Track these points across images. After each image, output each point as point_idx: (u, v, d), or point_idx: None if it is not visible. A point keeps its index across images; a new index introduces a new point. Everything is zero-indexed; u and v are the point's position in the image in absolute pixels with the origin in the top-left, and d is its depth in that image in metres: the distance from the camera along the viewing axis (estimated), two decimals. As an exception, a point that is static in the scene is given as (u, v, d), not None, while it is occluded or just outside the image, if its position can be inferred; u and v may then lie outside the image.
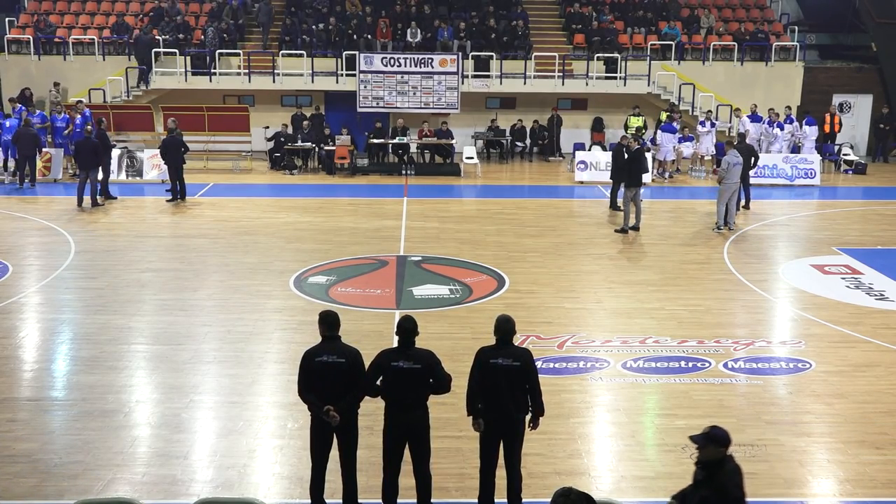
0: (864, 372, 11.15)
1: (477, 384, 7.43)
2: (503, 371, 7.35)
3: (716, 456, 5.86)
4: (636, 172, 18.15)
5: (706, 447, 5.88)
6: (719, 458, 5.87)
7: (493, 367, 7.36)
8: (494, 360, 7.38)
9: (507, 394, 7.34)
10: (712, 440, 5.87)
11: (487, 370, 7.38)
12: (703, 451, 5.90)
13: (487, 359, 7.41)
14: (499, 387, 7.33)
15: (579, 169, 23.74)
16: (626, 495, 8.16)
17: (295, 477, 8.39)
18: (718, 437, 5.87)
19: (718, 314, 13.30)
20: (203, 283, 14.47)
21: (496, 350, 7.45)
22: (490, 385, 7.37)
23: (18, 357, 11.40)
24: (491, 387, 7.36)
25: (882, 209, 21.33)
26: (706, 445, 5.88)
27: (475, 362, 7.49)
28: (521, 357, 7.45)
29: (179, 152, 20.43)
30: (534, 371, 7.49)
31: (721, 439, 5.87)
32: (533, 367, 7.50)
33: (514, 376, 7.37)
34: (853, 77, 29.42)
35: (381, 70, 26.26)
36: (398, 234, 17.87)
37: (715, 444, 5.86)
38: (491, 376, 7.36)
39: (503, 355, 7.40)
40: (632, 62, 27.61)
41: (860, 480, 8.52)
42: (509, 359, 7.39)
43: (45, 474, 8.40)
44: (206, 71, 26.79)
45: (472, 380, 7.47)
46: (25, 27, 28.36)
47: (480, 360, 7.45)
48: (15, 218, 18.98)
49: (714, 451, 5.86)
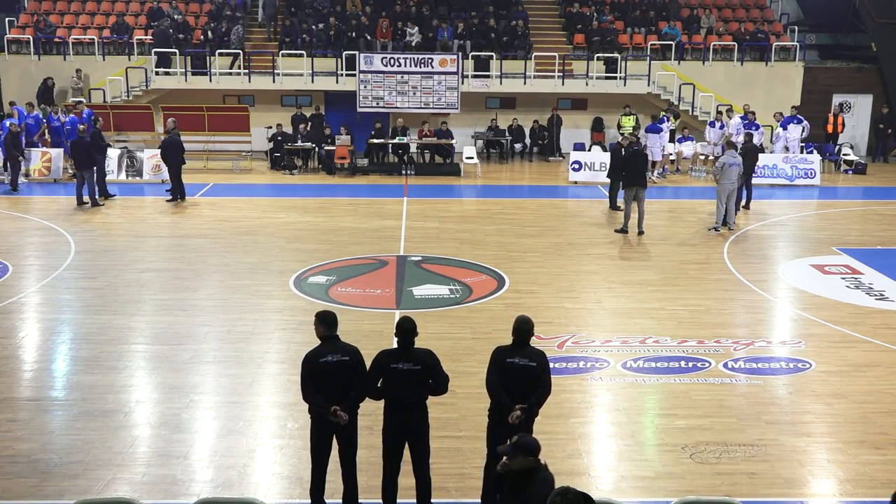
0: (864, 372, 11.15)
1: (496, 382, 7.38)
2: (519, 371, 7.34)
3: (525, 465, 5.65)
4: (632, 172, 18.08)
5: (515, 456, 5.66)
6: (529, 467, 5.66)
7: (509, 367, 7.36)
8: (511, 359, 7.38)
9: (521, 394, 7.32)
10: (521, 449, 5.65)
11: (504, 369, 7.37)
12: (512, 461, 5.67)
13: (504, 358, 7.41)
14: (513, 386, 7.33)
15: (573, 169, 23.73)
16: (626, 495, 8.16)
17: (295, 477, 8.39)
18: (527, 446, 5.66)
19: (718, 314, 13.30)
20: (203, 283, 14.46)
21: (513, 350, 7.45)
22: (505, 384, 7.36)
23: (18, 357, 11.40)
24: (506, 386, 7.36)
25: (882, 209, 21.33)
26: (515, 455, 5.66)
27: (492, 361, 7.47)
28: (537, 358, 7.45)
29: (179, 152, 20.44)
30: (548, 373, 7.49)
31: (529, 448, 5.66)
32: (548, 369, 7.50)
33: (530, 377, 7.37)
34: (853, 77, 29.43)
35: (381, 70, 26.26)
36: (398, 234, 17.87)
37: (524, 452, 5.64)
38: (506, 376, 7.36)
39: (520, 355, 7.41)
40: (632, 62, 27.62)
41: (860, 480, 8.51)
42: (526, 359, 7.39)
43: (45, 474, 8.40)
44: (207, 71, 26.81)
45: (491, 379, 7.42)
46: (25, 27, 28.37)
47: (497, 359, 7.45)
48: (15, 218, 18.99)
49: (523, 460, 5.64)
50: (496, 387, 7.38)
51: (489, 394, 7.47)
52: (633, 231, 17.87)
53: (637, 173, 17.99)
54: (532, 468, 5.66)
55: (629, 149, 18.78)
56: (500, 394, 7.35)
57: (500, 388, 7.35)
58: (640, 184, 17.83)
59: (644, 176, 18.11)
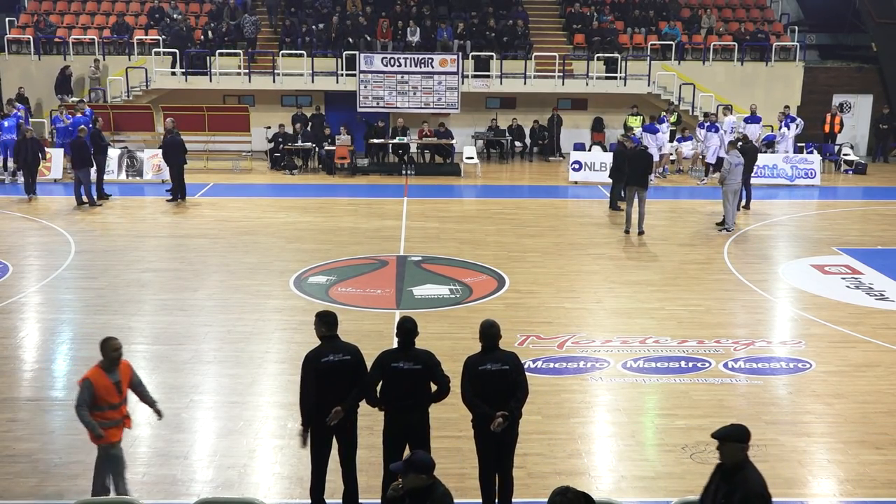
0: (864, 372, 11.15)
1: (472, 393, 7.29)
2: (494, 376, 7.27)
3: (418, 483, 5.45)
4: (634, 173, 18.03)
5: (407, 475, 5.47)
6: (423, 485, 5.46)
7: (482, 374, 7.28)
8: (483, 366, 7.30)
9: (499, 399, 7.25)
10: (413, 466, 5.46)
11: (477, 377, 7.29)
12: (405, 479, 5.47)
13: (476, 366, 7.32)
14: (490, 393, 7.26)
15: (573, 169, 23.74)
16: (626, 495, 8.16)
17: (295, 477, 8.40)
18: (419, 463, 5.47)
19: (718, 314, 13.30)
20: (203, 283, 14.47)
21: (484, 356, 7.36)
22: (481, 392, 7.28)
23: (18, 357, 11.41)
24: (482, 394, 7.28)
25: (882, 209, 21.33)
26: (407, 473, 5.47)
27: (465, 371, 7.37)
28: (509, 361, 7.37)
29: (181, 152, 20.46)
30: (523, 372, 7.44)
31: (422, 465, 5.47)
32: (522, 369, 7.45)
33: (505, 380, 7.30)
34: (853, 77, 29.43)
35: (381, 70, 26.26)
36: (398, 234, 17.87)
37: (416, 470, 5.46)
38: (482, 383, 7.28)
39: (491, 360, 7.32)
40: (632, 62, 27.62)
41: (860, 480, 8.51)
42: (498, 363, 7.31)
43: (45, 474, 8.41)
44: (207, 71, 26.81)
45: (466, 390, 7.33)
46: (25, 27, 28.37)
47: (469, 369, 7.36)
48: (15, 218, 18.99)
49: (415, 478, 5.45)
50: (473, 398, 7.30)
51: (467, 407, 7.39)
52: (634, 231, 17.87)
53: (639, 173, 17.94)
54: (427, 486, 5.46)
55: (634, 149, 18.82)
56: (478, 404, 7.28)
57: (477, 399, 7.27)
58: (640, 184, 17.78)
59: (646, 177, 18.08)
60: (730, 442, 5.74)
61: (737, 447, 5.73)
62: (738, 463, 5.73)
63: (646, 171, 18.22)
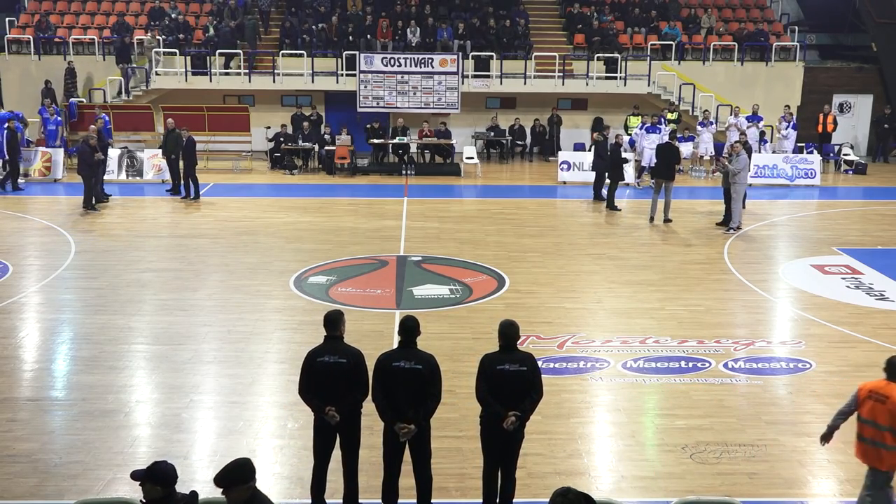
0: (865, 372, 11.10)
1: (486, 391, 7.30)
2: (511, 377, 7.27)
3: (154, 495, 5.17)
4: (661, 165, 19.07)
5: (145, 484, 5.18)
6: (157, 497, 5.18)
7: (500, 374, 7.27)
8: (501, 366, 7.29)
9: (513, 399, 7.26)
10: (150, 478, 5.17)
11: (493, 377, 7.28)
12: (143, 488, 5.19)
13: (494, 365, 7.32)
14: (505, 393, 7.25)
15: (562, 169, 23.77)
16: (626, 495, 8.16)
17: (295, 477, 8.39)
18: (158, 474, 5.17)
19: (718, 314, 13.30)
20: (203, 283, 14.46)
21: (502, 356, 7.37)
22: (497, 391, 7.28)
23: (18, 357, 11.40)
24: (497, 393, 7.28)
25: (882, 209, 21.33)
26: (145, 483, 5.18)
27: (481, 369, 7.37)
28: (527, 362, 7.37)
29: (193, 151, 20.49)
30: (539, 374, 7.44)
31: (161, 475, 5.17)
32: (538, 371, 7.44)
33: (522, 381, 7.30)
34: (853, 77, 29.42)
35: (381, 70, 26.26)
36: (398, 234, 17.87)
37: (152, 481, 5.17)
38: (497, 383, 7.28)
39: (509, 361, 7.32)
40: (632, 62, 27.61)
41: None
42: (516, 364, 7.30)
43: (45, 474, 8.40)
44: (207, 71, 26.80)
45: (480, 390, 7.34)
46: (25, 27, 28.37)
47: (486, 367, 7.35)
48: (15, 218, 18.99)
49: (151, 489, 5.17)
50: (486, 396, 7.30)
51: (480, 403, 7.39)
52: (659, 218, 18.68)
53: (666, 166, 19.01)
54: (163, 498, 5.17)
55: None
56: (491, 402, 7.28)
57: (491, 397, 7.28)
58: (666, 177, 18.88)
59: (672, 169, 19.04)
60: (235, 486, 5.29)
61: (242, 489, 5.31)
62: (246, 500, 5.32)
63: (672, 163, 19.11)
